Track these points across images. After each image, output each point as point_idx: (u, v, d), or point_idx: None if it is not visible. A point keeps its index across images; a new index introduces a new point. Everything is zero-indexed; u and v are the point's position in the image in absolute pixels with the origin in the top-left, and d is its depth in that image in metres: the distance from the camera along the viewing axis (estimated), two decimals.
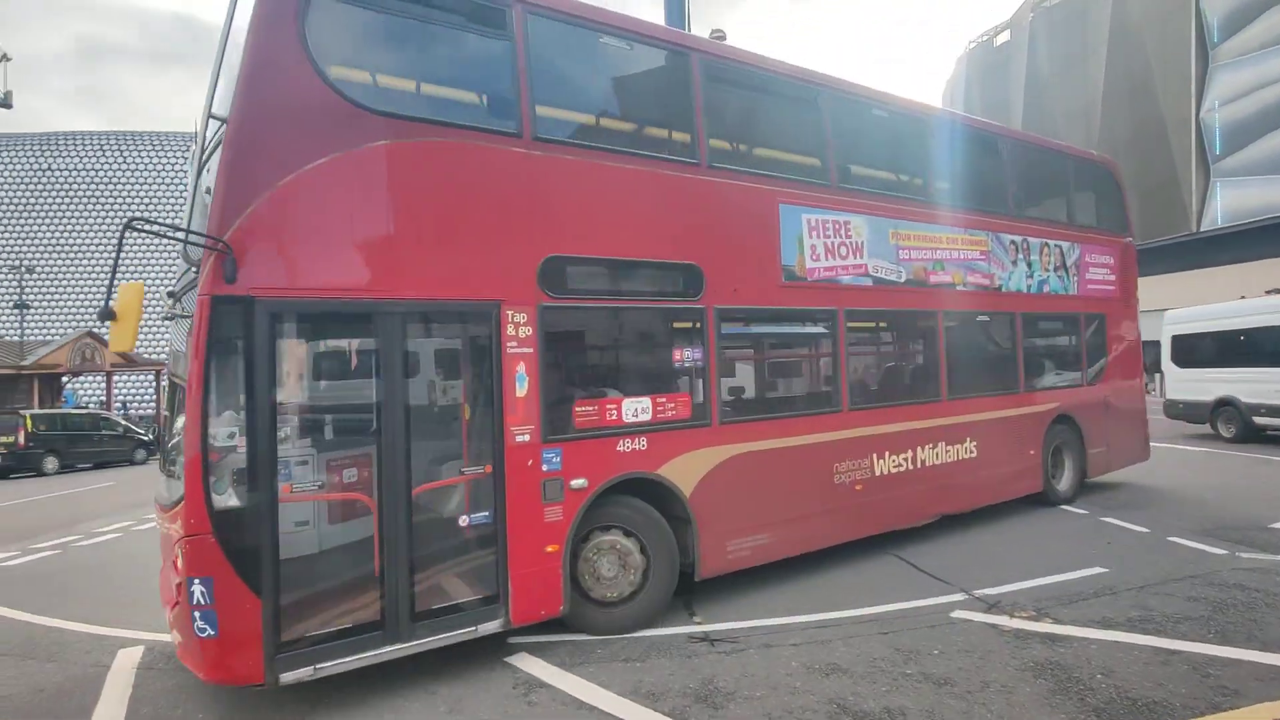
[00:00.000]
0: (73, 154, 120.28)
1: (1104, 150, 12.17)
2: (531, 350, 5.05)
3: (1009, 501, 8.68)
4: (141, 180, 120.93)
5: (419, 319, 4.89)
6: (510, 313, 4.99)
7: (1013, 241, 8.70)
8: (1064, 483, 9.30)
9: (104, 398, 30.72)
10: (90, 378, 29.23)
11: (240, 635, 4.06)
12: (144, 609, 6.20)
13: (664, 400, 5.73)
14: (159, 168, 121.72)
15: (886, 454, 7.21)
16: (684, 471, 5.73)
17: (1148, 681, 4.31)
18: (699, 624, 5.57)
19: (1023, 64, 40.53)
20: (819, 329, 7.01)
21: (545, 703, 4.36)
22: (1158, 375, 30.72)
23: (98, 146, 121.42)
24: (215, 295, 4.05)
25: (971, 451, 8.01)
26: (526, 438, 5.02)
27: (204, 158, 4.75)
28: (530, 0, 5.29)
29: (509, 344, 4.98)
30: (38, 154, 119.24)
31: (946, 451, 7.78)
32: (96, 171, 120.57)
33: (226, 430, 4.19)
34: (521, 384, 5.01)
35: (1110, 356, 9.94)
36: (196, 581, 3.98)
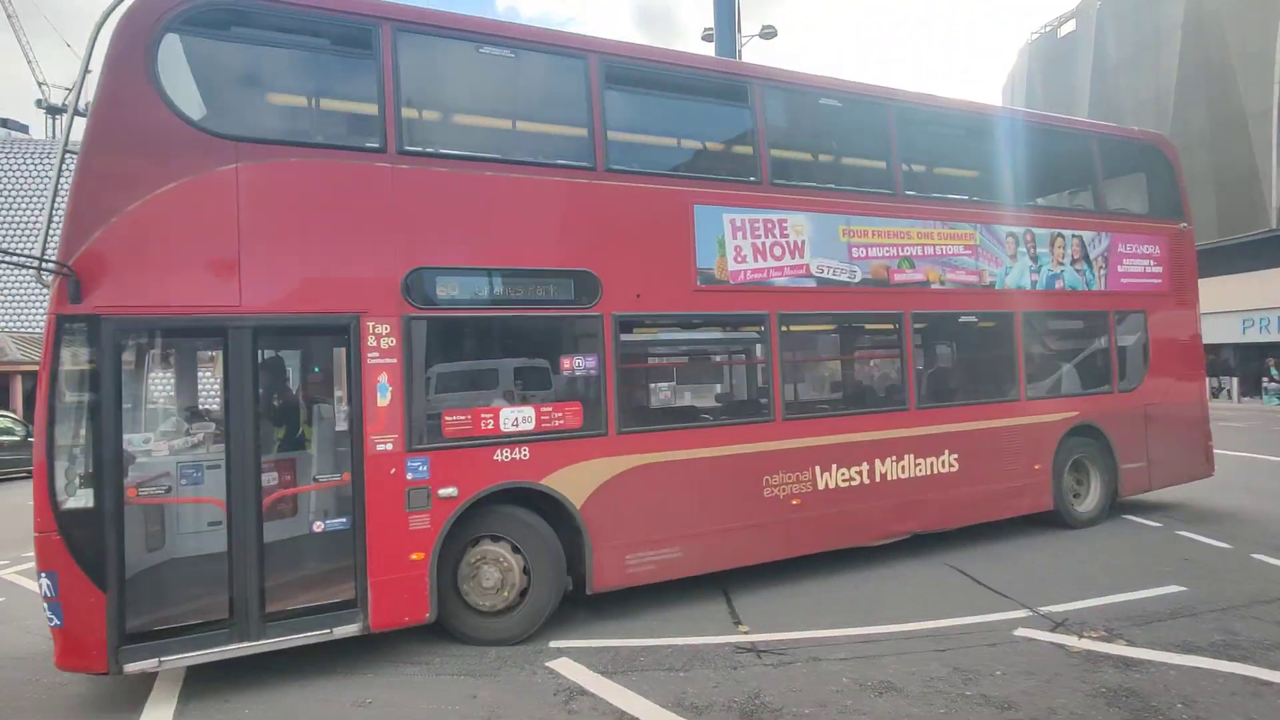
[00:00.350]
0: None
1: (1178, 142, 11.32)
2: (395, 361, 5.08)
3: (1036, 515, 8.00)
4: None
5: (272, 332, 5.13)
6: (371, 324, 5.04)
7: (1011, 234, 7.89)
8: (1088, 502, 8.30)
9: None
10: None
11: (84, 626, 4.34)
12: None
13: (549, 409, 5.59)
14: None
15: (834, 467, 6.69)
16: (574, 482, 5.57)
17: (1236, 715, 3.97)
18: (745, 633, 5.39)
19: (1089, 54, 38.90)
20: (747, 334, 6.81)
21: (585, 711, 4.25)
22: (1234, 380, 29.39)
23: None
24: (60, 314, 4.40)
25: (951, 465, 7.31)
26: (389, 446, 5.03)
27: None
28: (399, 18, 5.32)
29: (370, 355, 5.03)
30: None
31: (916, 465, 7.12)
32: None
33: (71, 437, 4.46)
34: (383, 394, 5.05)
35: (1154, 358, 8.72)
36: (44, 576, 4.34)
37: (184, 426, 5.64)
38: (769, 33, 17.93)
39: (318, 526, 5.12)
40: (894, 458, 7.00)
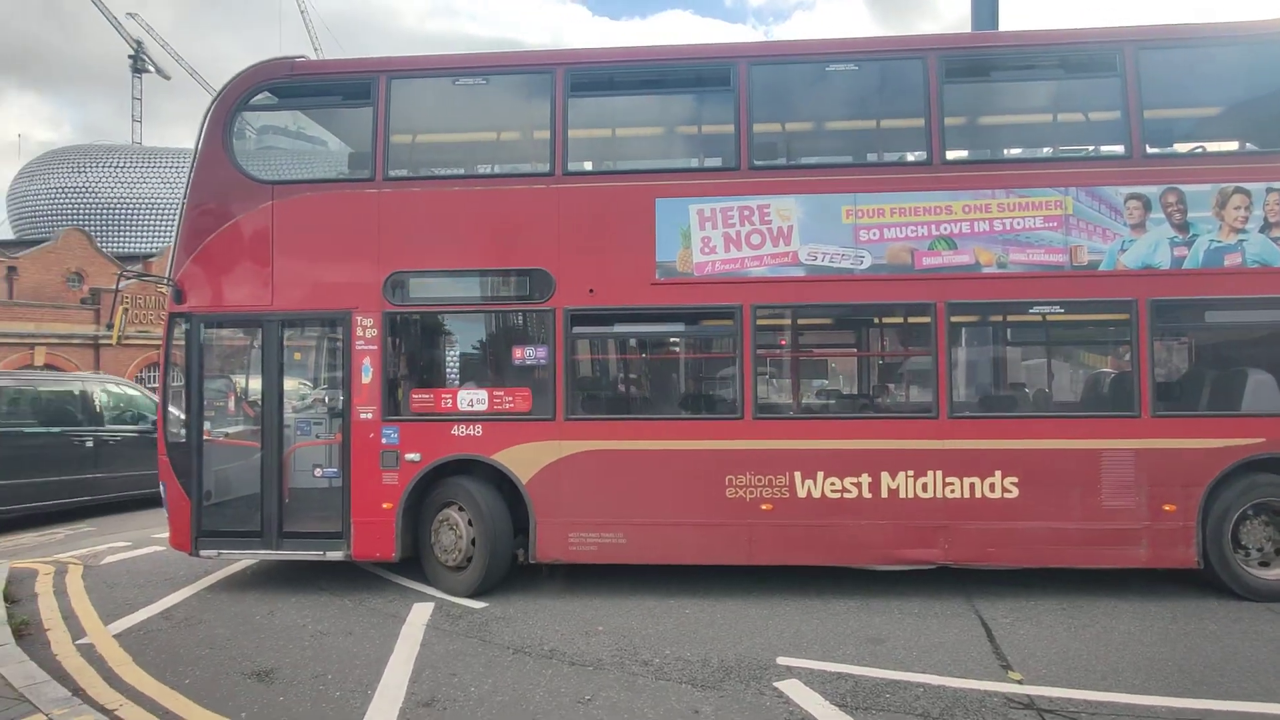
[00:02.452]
0: None
1: None
2: (375, 348, 6.17)
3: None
4: None
5: (292, 324, 6.59)
6: (359, 318, 6.20)
7: (1136, 196, 5.91)
8: (1276, 567, 5.80)
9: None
10: None
11: (179, 522, 6.27)
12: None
13: (501, 394, 6.20)
14: None
15: (819, 475, 5.91)
16: (521, 460, 6.05)
17: None
18: (1018, 682, 4.40)
19: None
20: (715, 327, 6.46)
21: None
22: None
23: None
24: (170, 312, 6.43)
25: (1005, 489, 5.82)
26: (370, 415, 6.16)
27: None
28: (393, 69, 6.42)
29: (358, 342, 6.18)
30: None
31: (947, 484, 5.84)
32: None
33: (174, 393, 6.67)
34: (366, 373, 6.18)
35: None
36: (162, 485, 6.38)
37: (245, 391, 7.27)
38: None
39: (317, 473, 6.51)
40: (910, 472, 5.88)
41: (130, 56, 73.22)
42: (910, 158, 6.51)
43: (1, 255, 30.60)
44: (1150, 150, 6.08)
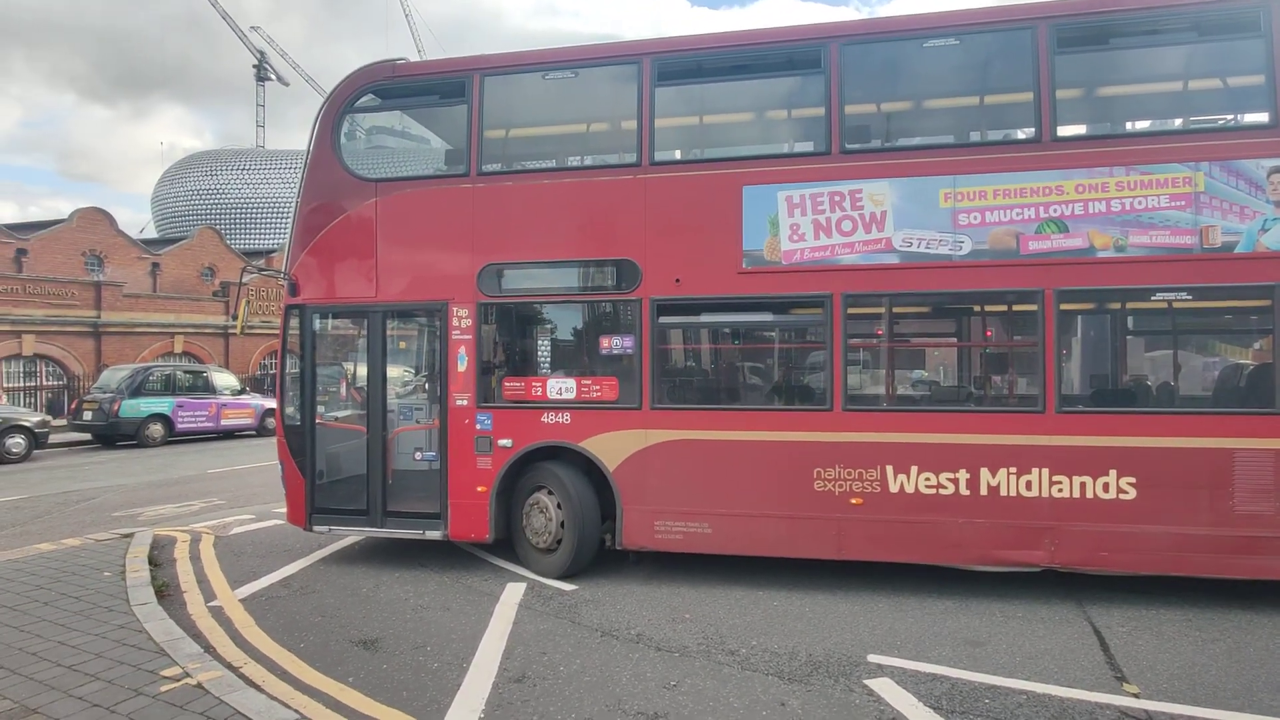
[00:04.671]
0: None
1: None
2: (470, 337, 6.44)
3: None
4: None
5: (394, 315, 6.90)
6: (455, 308, 6.48)
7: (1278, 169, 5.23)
8: None
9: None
10: None
11: (296, 499, 6.76)
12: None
13: (589, 382, 6.33)
14: None
15: (913, 469, 5.69)
16: (608, 448, 6.18)
17: None
18: (1134, 695, 4.11)
19: None
20: (804, 317, 6.36)
21: None
22: None
23: None
24: (286, 304, 6.86)
25: (1122, 490, 5.40)
26: (465, 402, 6.45)
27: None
28: (486, 67, 6.64)
29: (454, 332, 6.46)
30: None
31: (1054, 483, 5.49)
32: None
33: (290, 379, 6.89)
34: (462, 362, 6.45)
35: None
36: (280, 464, 6.88)
37: (354, 378, 7.56)
38: None
39: (417, 456, 6.81)
40: (1013, 469, 5.57)
41: (254, 66, 78.67)
42: (1019, 135, 6.14)
43: (148, 253, 33.57)
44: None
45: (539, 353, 6.73)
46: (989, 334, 6.66)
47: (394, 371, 7.25)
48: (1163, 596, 5.58)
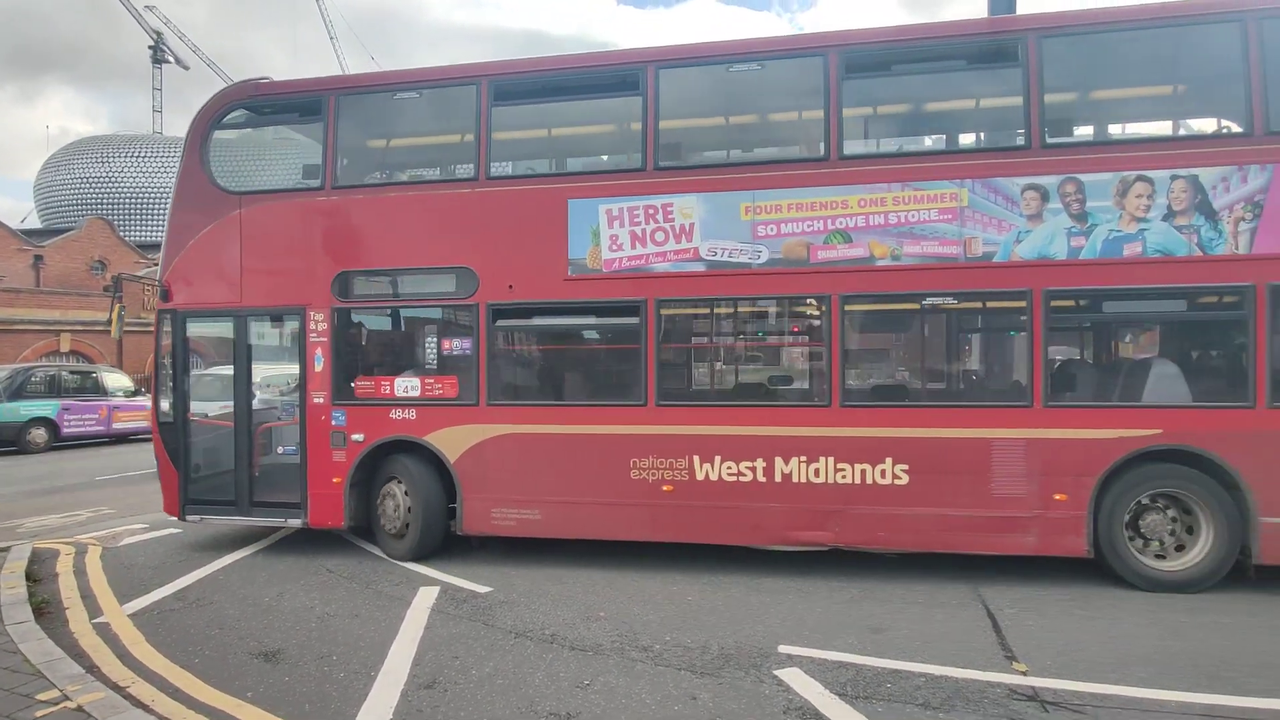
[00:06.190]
0: None
1: None
2: (326, 339, 6.87)
3: None
4: None
5: (257, 319, 7.26)
6: (312, 313, 6.91)
7: (1033, 187, 5.87)
8: (1187, 557, 5.69)
9: None
10: None
11: (170, 490, 7.19)
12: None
13: (432, 381, 6.80)
14: None
15: (716, 459, 6.22)
16: (450, 441, 6.65)
17: None
18: (1023, 674, 4.36)
19: None
20: (622, 320, 6.62)
21: None
22: None
23: None
24: (159, 309, 7.30)
25: (896, 477, 5.99)
26: (321, 400, 6.88)
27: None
28: (341, 87, 7.21)
29: (311, 335, 6.89)
30: None
31: (838, 470, 6.06)
32: None
33: (163, 379, 7.30)
34: (319, 362, 6.88)
35: None
36: (156, 458, 7.29)
37: (221, 378, 8.03)
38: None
39: (279, 450, 7.40)
40: (803, 458, 6.12)
41: (150, 48, 73.93)
42: (809, 154, 6.58)
43: (30, 244, 31.12)
44: (1050, 140, 6.02)
45: (388, 354, 7.44)
46: (785, 335, 7.21)
47: (259, 371, 7.77)
48: (1050, 577, 5.96)
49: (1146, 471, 5.75)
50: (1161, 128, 6.94)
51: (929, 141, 7.46)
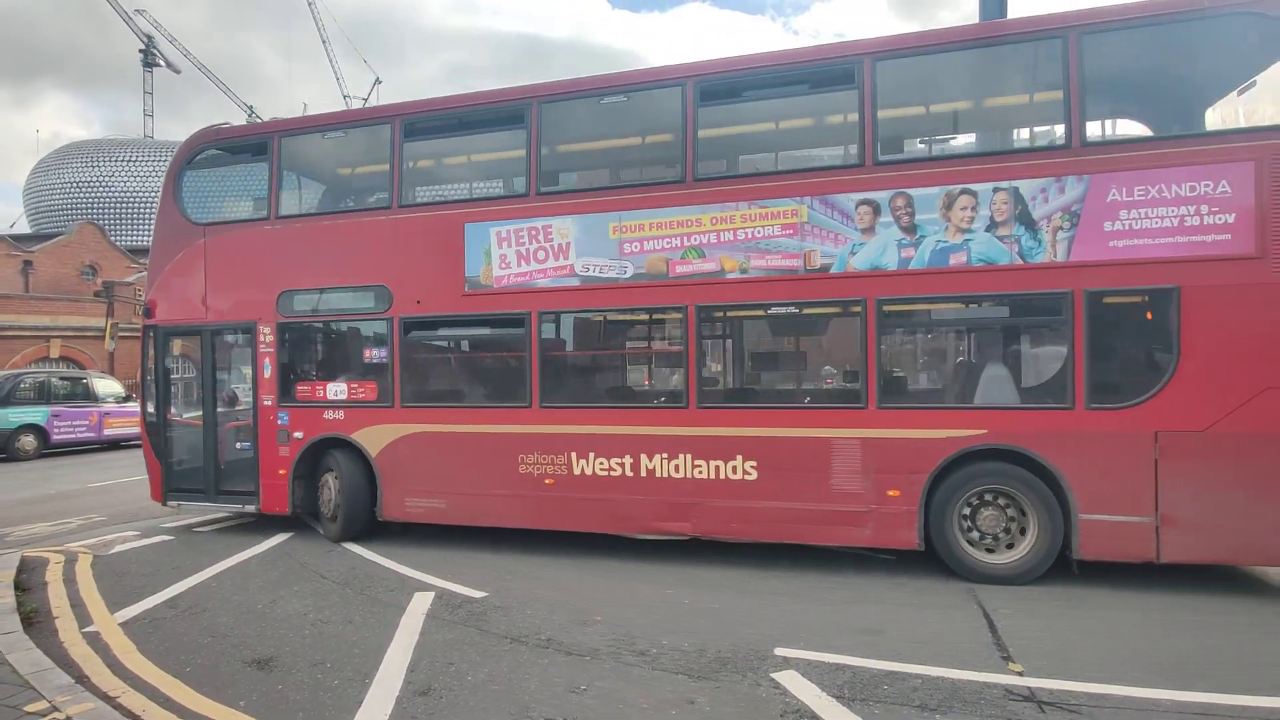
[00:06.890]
0: None
1: None
2: (273, 350, 7.94)
3: None
4: None
5: (219, 333, 8.34)
6: (261, 327, 7.99)
7: (866, 202, 6.17)
8: (1014, 551, 5.96)
9: None
10: None
11: (155, 479, 8.46)
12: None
13: (356, 385, 7.74)
14: None
15: (591, 455, 6.85)
16: (371, 439, 7.59)
17: None
18: (1019, 674, 4.37)
19: None
20: (512, 331, 7.28)
21: None
22: None
23: None
24: (144, 324, 8.52)
25: (746, 473, 6.45)
26: (270, 402, 7.95)
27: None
28: (283, 129, 8.17)
29: (261, 345, 7.98)
30: None
31: (695, 467, 6.57)
32: None
33: (149, 384, 8.51)
34: (267, 369, 7.95)
35: (1193, 361, 5.52)
36: (144, 454, 8.51)
37: (194, 384, 8.90)
38: None
39: (239, 446, 8.36)
40: (664, 455, 6.66)
41: (141, 51, 73.58)
42: (669, 176, 6.94)
43: (19, 249, 30.91)
44: (882, 157, 6.31)
45: (321, 361, 8.39)
46: (650, 342, 7.99)
47: (225, 377, 8.75)
48: (1045, 577, 5.96)
49: (975, 470, 6.03)
50: (987, 142, 7.44)
51: (776, 162, 7.94)
